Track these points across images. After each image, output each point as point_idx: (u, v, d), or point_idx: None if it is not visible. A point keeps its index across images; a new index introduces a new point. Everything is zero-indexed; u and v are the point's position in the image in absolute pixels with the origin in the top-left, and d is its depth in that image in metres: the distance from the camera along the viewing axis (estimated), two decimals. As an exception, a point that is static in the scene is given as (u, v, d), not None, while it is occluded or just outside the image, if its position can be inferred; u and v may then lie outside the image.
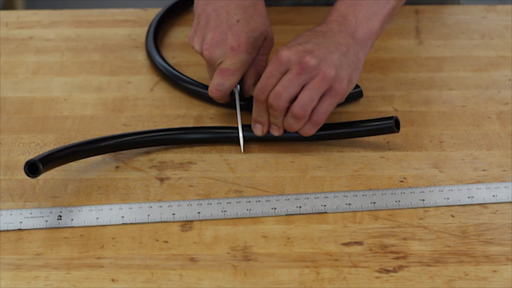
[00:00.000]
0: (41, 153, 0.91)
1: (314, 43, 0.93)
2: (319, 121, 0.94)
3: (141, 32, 1.20)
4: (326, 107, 0.93)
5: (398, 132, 0.96)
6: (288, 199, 0.91)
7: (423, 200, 0.91)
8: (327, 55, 0.92)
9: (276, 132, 0.97)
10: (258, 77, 1.02)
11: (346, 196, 0.91)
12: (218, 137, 0.99)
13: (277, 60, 0.93)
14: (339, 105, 1.05)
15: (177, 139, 0.98)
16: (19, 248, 0.85)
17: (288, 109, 0.94)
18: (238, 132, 0.98)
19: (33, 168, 0.87)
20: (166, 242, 0.86)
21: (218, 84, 1.00)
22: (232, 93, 1.02)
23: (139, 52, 1.17)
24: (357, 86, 1.06)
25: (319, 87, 0.92)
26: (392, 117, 0.96)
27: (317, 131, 0.96)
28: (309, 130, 0.95)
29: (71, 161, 0.93)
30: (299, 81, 0.92)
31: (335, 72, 0.92)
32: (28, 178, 0.94)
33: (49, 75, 1.13)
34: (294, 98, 0.93)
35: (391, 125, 0.96)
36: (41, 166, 0.87)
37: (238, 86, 1.02)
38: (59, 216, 0.89)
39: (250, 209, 0.90)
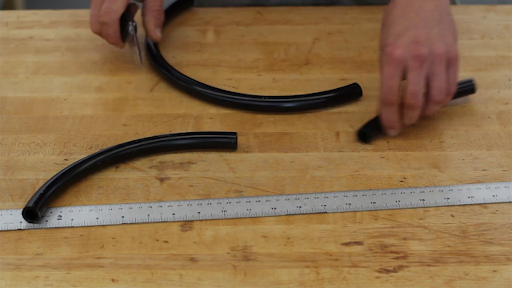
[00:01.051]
0: (40, 153, 0.91)
1: (413, 27, 0.96)
2: (454, 91, 0.98)
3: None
4: (454, 77, 0.97)
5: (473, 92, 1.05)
6: (288, 199, 0.91)
7: (423, 200, 0.91)
8: (430, 34, 0.96)
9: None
10: (156, 21, 1.11)
11: (346, 196, 0.91)
12: (208, 142, 0.99)
13: (392, 61, 0.95)
14: (339, 105, 1.05)
15: (165, 146, 0.98)
16: (19, 248, 0.85)
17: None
18: (232, 138, 0.98)
19: (31, 214, 0.88)
20: (166, 242, 0.86)
21: (106, 7, 1.08)
22: (127, 33, 1.10)
23: (139, 52, 1.17)
24: (356, 85, 1.06)
25: (441, 67, 0.96)
26: (470, 80, 1.03)
27: None
28: (447, 101, 0.99)
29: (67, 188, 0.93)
30: (424, 73, 0.95)
31: (444, 46, 0.96)
32: (28, 178, 0.94)
33: (49, 75, 1.13)
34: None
35: (472, 86, 1.04)
36: (38, 212, 0.88)
37: (135, 23, 1.10)
38: (59, 216, 0.89)
39: (250, 209, 0.90)
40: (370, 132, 0.99)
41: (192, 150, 0.98)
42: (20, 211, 0.88)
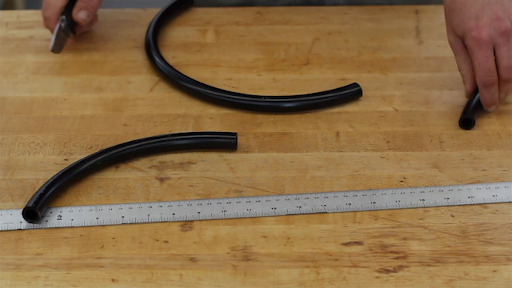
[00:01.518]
0: (41, 153, 0.91)
1: (486, 5, 0.99)
2: None
3: (141, 32, 1.20)
4: None
5: None
6: (288, 199, 0.91)
7: (423, 200, 0.91)
8: (503, 6, 0.99)
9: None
10: (83, 4, 1.14)
11: (346, 196, 0.91)
12: (208, 143, 0.99)
13: (482, 44, 0.99)
14: (339, 105, 1.05)
15: (165, 146, 0.98)
16: (19, 248, 0.85)
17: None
18: (232, 138, 0.98)
19: (31, 214, 0.88)
20: (166, 242, 0.86)
21: (46, 3, 1.14)
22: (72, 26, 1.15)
23: (139, 52, 1.17)
24: (356, 85, 1.06)
25: None
26: None
27: None
28: None
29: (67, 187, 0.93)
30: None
31: None
32: (28, 178, 0.94)
33: (49, 75, 1.13)
34: None
35: None
36: (38, 212, 0.88)
37: (66, 20, 1.14)
38: (59, 216, 0.89)
39: (250, 209, 0.90)
40: (474, 117, 1.01)
41: (192, 150, 0.98)
42: (20, 211, 0.88)
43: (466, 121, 1.01)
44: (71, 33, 1.15)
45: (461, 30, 1.00)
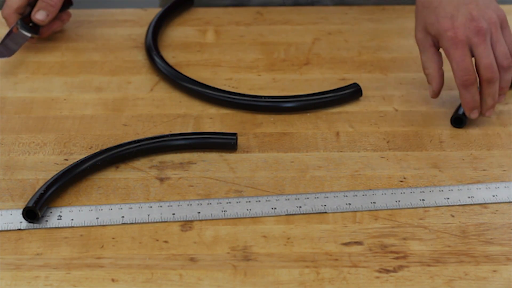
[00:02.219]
0: (41, 153, 0.91)
1: (462, 4, 0.99)
2: None
3: (141, 32, 1.20)
4: (509, 37, 1.00)
5: None
6: (288, 199, 0.91)
7: (423, 200, 0.91)
8: (478, 6, 0.99)
9: (489, 114, 1.01)
10: (42, 4, 1.13)
11: (346, 196, 0.91)
12: (208, 143, 0.99)
13: (457, 43, 0.98)
14: (339, 105, 1.05)
15: (165, 146, 0.98)
16: (19, 248, 0.85)
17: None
18: (232, 139, 0.98)
19: (31, 214, 0.88)
20: (166, 242, 0.86)
21: (4, 4, 1.14)
22: (30, 27, 1.14)
23: (139, 52, 1.17)
24: (356, 85, 1.06)
25: (498, 33, 0.99)
26: None
27: None
28: None
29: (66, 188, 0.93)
30: (489, 44, 0.98)
31: (493, 12, 0.99)
32: (28, 178, 0.94)
33: (49, 75, 1.13)
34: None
35: None
36: (38, 212, 0.88)
37: (20, 21, 1.13)
38: (59, 216, 0.89)
39: (250, 209, 0.90)
40: (465, 116, 1.01)
41: (192, 150, 0.98)
42: (20, 211, 0.88)
43: (458, 120, 1.01)
44: (35, 35, 1.14)
45: (436, 29, 1.00)
